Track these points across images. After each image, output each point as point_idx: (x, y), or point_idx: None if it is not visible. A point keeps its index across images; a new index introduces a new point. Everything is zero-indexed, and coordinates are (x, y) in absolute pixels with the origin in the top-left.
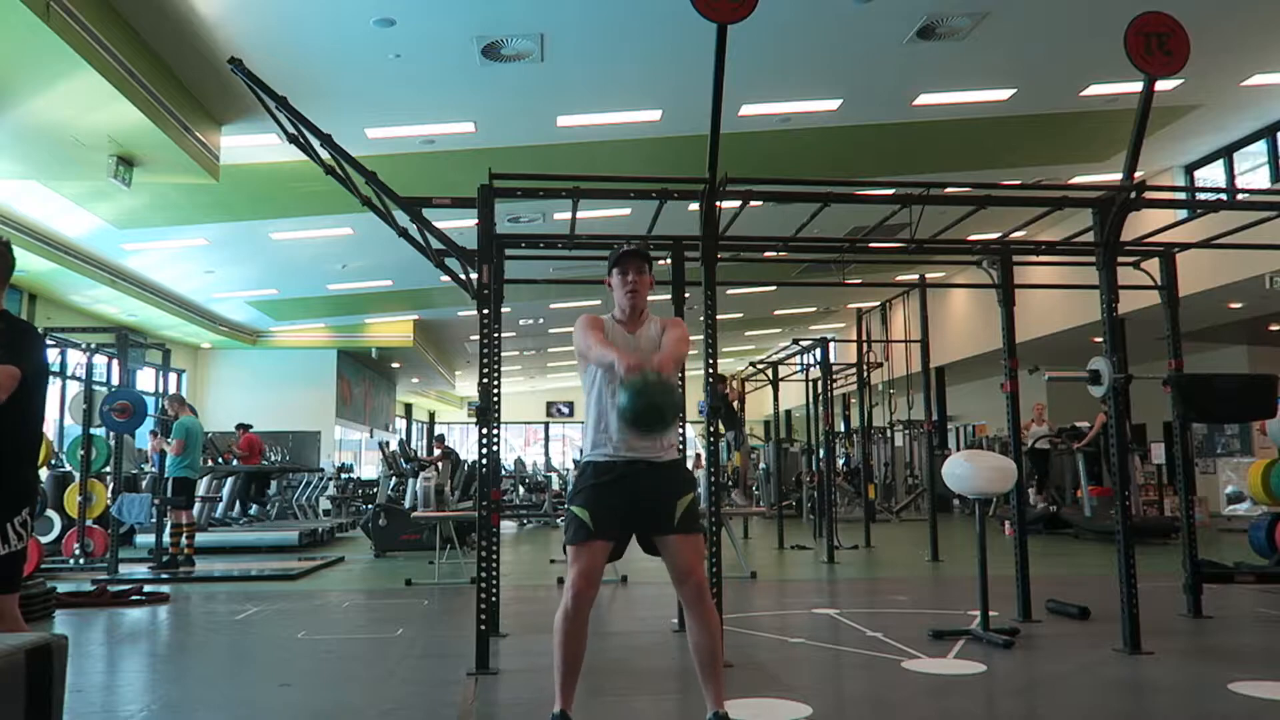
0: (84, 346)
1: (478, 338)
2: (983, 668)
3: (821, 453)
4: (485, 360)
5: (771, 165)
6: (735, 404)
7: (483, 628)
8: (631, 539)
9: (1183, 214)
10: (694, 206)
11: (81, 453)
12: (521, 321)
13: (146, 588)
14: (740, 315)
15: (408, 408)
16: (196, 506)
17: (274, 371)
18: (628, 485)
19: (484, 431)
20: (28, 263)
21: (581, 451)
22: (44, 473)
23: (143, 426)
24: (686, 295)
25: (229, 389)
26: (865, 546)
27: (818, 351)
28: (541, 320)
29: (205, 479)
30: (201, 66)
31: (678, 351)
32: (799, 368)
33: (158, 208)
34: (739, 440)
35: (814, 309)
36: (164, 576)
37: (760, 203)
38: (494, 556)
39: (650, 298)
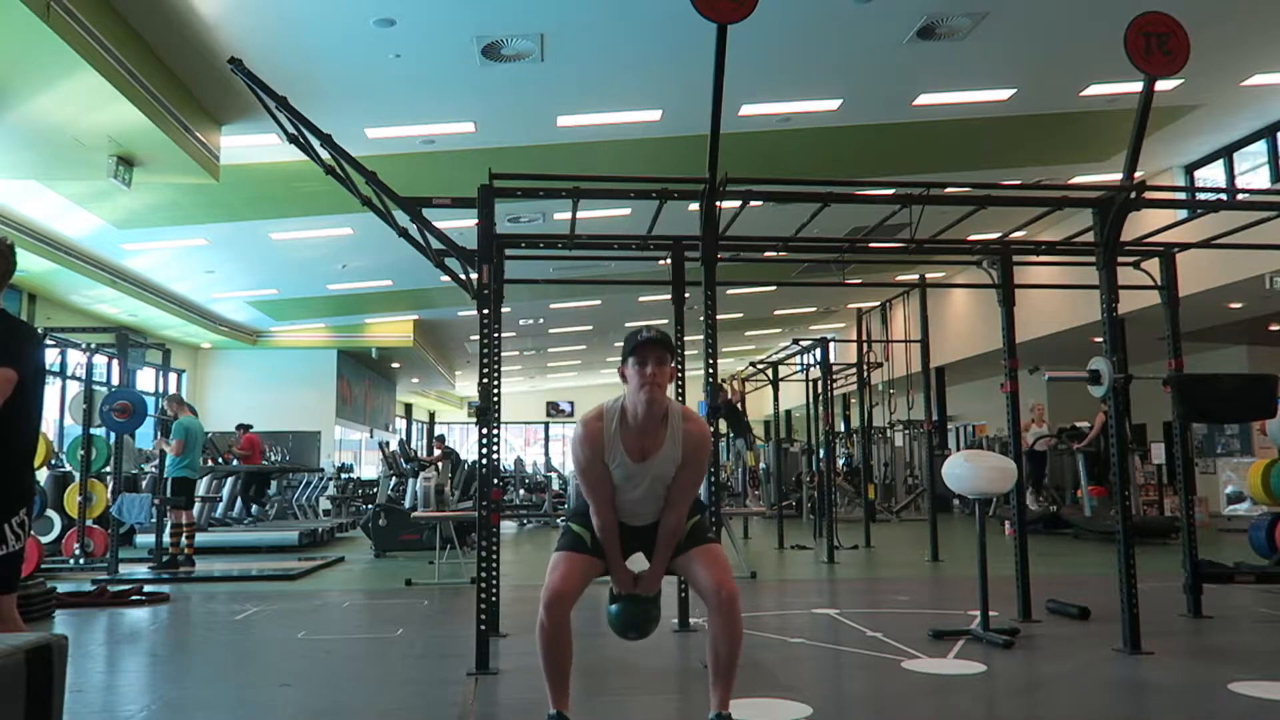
0: (84, 346)
1: (478, 338)
2: (983, 668)
3: (821, 453)
4: (485, 360)
5: (771, 165)
6: (739, 405)
7: (483, 628)
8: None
9: (1183, 214)
10: (694, 206)
11: (81, 453)
12: (521, 321)
13: (146, 588)
14: (740, 315)
15: (408, 408)
16: (196, 506)
17: (274, 371)
18: (633, 533)
19: (484, 431)
20: (28, 263)
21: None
22: (44, 473)
23: (144, 427)
24: (686, 295)
25: (229, 389)
26: (865, 546)
27: (818, 351)
28: (541, 320)
29: (205, 479)
30: (201, 66)
31: (677, 533)
32: (799, 368)
33: (158, 208)
34: (750, 444)
35: (814, 309)
36: (164, 576)
37: (760, 203)
38: (494, 556)
39: (650, 298)
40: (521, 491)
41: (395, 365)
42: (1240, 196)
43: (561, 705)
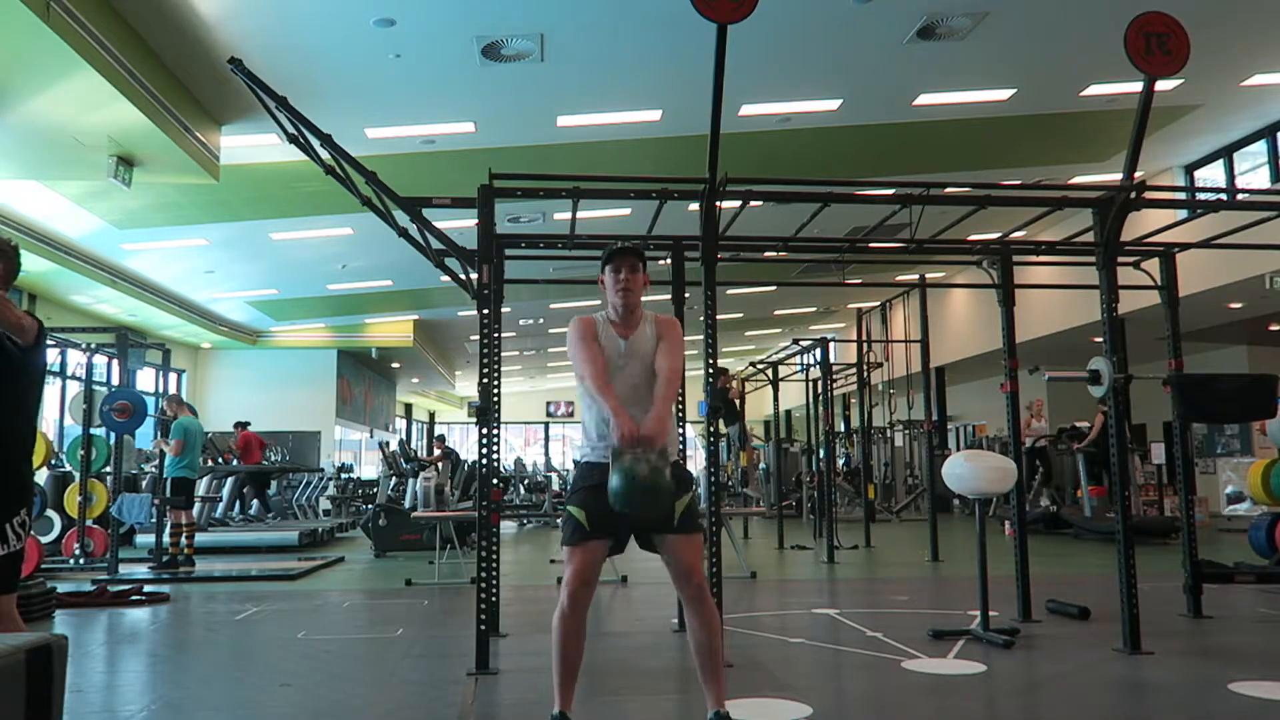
0: (84, 346)
1: (478, 338)
2: (983, 668)
3: (821, 453)
4: (485, 360)
5: (771, 165)
6: (736, 401)
7: (483, 628)
8: (630, 535)
9: (1183, 214)
10: (694, 206)
11: (81, 453)
12: (521, 321)
13: (146, 588)
14: (740, 315)
15: (408, 408)
16: (196, 506)
17: (274, 371)
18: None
19: (484, 431)
20: (28, 263)
21: (580, 452)
22: (44, 473)
23: (144, 427)
24: (686, 295)
25: (229, 389)
26: (865, 546)
27: (818, 351)
28: (541, 320)
29: (205, 479)
30: (201, 66)
31: (672, 386)
32: (799, 368)
33: (158, 208)
34: (743, 440)
35: (814, 309)
36: (164, 576)
37: (760, 203)
38: (494, 556)
39: (649, 298)
40: (522, 491)
41: (395, 365)
42: (1240, 196)
43: (566, 705)
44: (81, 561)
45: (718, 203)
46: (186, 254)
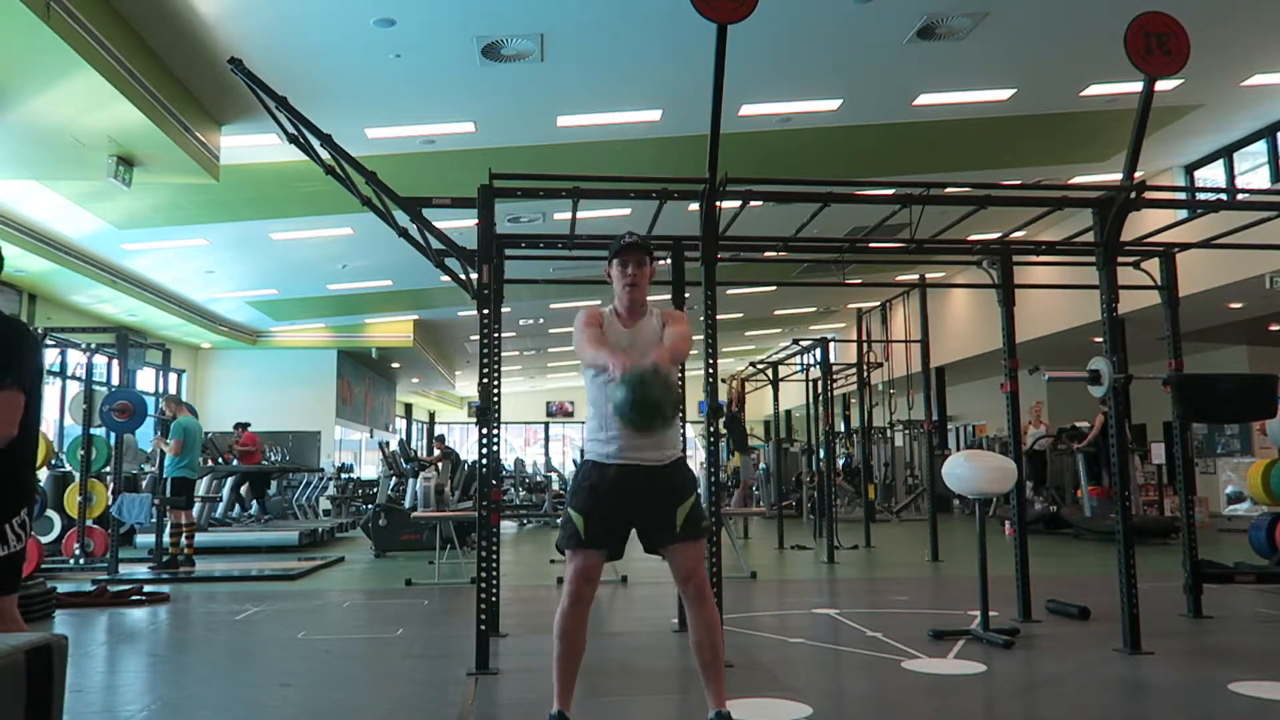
0: (84, 346)
1: (478, 338)
2: (983, 668)
3: (821, 453)
4: (485, 360)
5: (771, 165)
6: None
7: (483, 628)
8: (630, 536)
9: (1183, 214)
10: (694, 206)
11: (81, 453)
12: (521, 321)
13: (146, 588)
14: (740, 315)
15: (408, 408)
16: (196, 506)
17: (274, 371)
18: (626, 492)
19: (484, 431)
20: (28, 263)
21: (583, 452)
22: (44, 473)
23: (144, 427)
24: (686, 295)
25: (229, 389)
26: (865, 546)
27: (818, 351)
28: (541, 320)
29: (205, 479)
30: (201, 66)
31: (678, 348)
32: (799, 368)
33: (158, 208)
34: (745, 469)
35: (814, 309)
36: (164, 576)
37: (760, 203)
38: (494, 556)
39: (650, 297)
40: (522, 491)
41: (395, 365)
42: (1240, 196)
43: (565, 705)
44: (81, 561)
45: (718, 203)
46: (186, 254)
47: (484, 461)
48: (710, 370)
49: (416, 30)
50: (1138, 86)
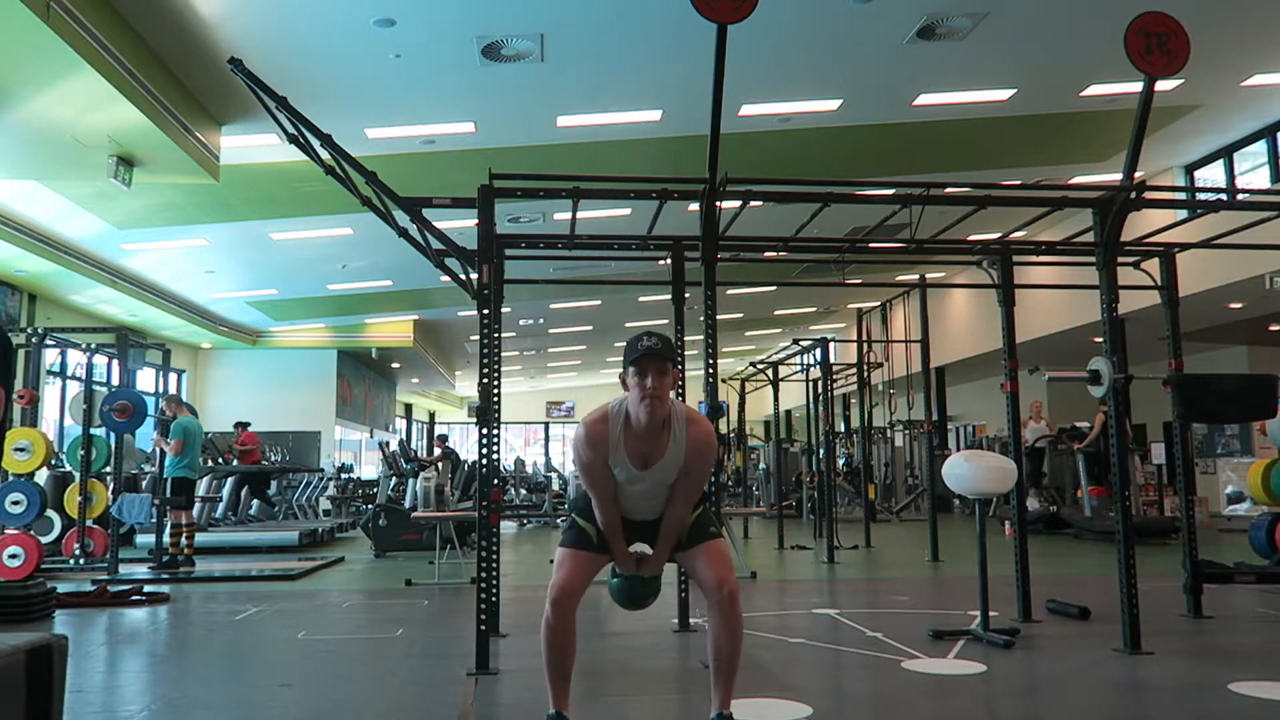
0: (84, 346)
1: (478, 338)
2: (983, 668)
3: (821, 453)
4: (485, 360)
5: (771, 165)
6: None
7: (483, 628)
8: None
9: (1183, 214)
10: (694, 206)
11: (81, 453)
12: (521, 321)
13: (146, 588)
14: (740, 315)
15: (408, 408)
16: (196, 506)
17: (274, 371)
18: (633, 530)
19: (484, 431)
20: (28, 263)
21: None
22: (44, 473)
23: (144, 427)
24: (686, 295)
25: (229, 389)
26: (865, 546)
27: (818, 351)
28: (541, 320)
29: (205, 479)
30: (201, 66)
31: (679, 528)
32: (799, 368)
33: (158, 208)
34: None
35: (814, 309)
36: (164, 576)
37: (760, 203)
38: (494, 557)
39: (650, 298)
40: (522, 491)
41: (395, 365)
42: (1240, 196)
43: (561, 705)
44: (81, 561)
45: (718, 203)
46: (187, 254)
47: (484, 461)
48: (710, 370)
49: (417, 30)
50: (1138, 86)
